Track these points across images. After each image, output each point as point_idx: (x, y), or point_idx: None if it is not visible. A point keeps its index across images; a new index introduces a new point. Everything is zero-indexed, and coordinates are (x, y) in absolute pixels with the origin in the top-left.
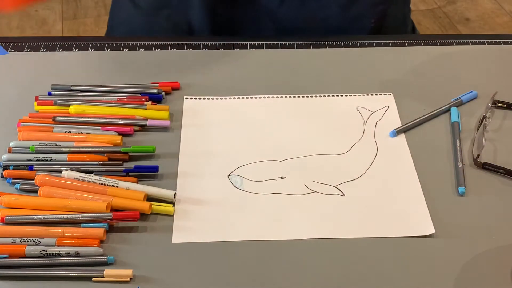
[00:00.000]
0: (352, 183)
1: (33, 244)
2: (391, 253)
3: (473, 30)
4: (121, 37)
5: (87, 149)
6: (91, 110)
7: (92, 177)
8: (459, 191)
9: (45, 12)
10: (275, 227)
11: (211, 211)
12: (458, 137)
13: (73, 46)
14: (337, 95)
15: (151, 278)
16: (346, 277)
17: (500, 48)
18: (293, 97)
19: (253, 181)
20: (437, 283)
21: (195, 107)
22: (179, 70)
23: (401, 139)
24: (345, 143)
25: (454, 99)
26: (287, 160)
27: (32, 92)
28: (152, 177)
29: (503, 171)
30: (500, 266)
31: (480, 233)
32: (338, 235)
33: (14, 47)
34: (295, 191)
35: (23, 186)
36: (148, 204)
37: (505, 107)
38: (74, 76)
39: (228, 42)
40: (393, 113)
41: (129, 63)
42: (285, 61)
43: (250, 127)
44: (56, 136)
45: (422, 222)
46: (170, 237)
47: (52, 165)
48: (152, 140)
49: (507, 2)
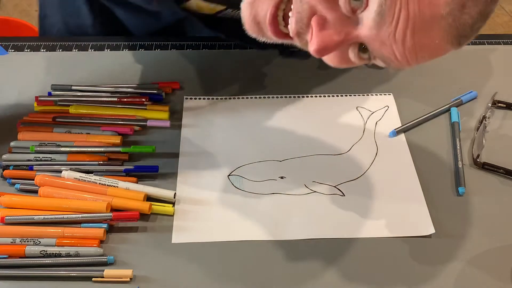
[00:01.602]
0: (352, 183)
1: (33, 244)
2: (391, 253)
3: None
4: (121, 37)
5: (87, 149)
6: (91, 110)
7: (92, 177)
8: (459, 191)
9: None
10: (275, 227)
11: (211, 211)
12: (458, 137)
13: (73, 46)
14: (337, 95)
15: (151, 278)
16: (346, 277)
17: (500, 48)
18: (293, 97)
19: (253, 181)
20: (437, 283)
21: (195, 107)
22: (179, 70)
23: (401, 139)
24: (345, 143)
25: (454, 99)
26: (287, 160)
27: (32, 92)
28: (152, 177)
29: (503, 171)
30: (500, 266)
31: (480, 233)
32: (338, 235)
33: (14, 47)
34: (295, 191)
35: (23, 186)
36: (148, 204)
37: (505, 107)
38: (74, 76)
39: (228, 42)
40: (393, 113)
41: (129, 63)
42: (285, 61)
43: (250, 127)
44: (56, 136)
45: (422, 222)
46: (170, 237)
47: (52, 165)
48: (152, 140)
49: (507, 2)
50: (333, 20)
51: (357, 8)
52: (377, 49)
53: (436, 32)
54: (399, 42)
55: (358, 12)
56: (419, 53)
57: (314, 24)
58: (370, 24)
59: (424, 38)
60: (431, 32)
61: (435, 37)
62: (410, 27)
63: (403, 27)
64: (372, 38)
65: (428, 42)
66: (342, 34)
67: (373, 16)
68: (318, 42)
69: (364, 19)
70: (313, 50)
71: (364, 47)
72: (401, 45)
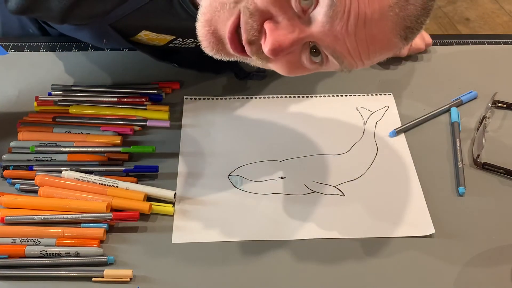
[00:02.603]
0: (352, 183)
1: (33, 244)
2: (391, 253)
3: (473, 30)
4: None
5: (87, 149)
6: (91, 110)
7: (92, 177)
8: (459, 191)
9: None
10: (275, 227)
11: (211, 211)
12: (458, 137)
13: (73, 46)
14: (337, 95)
15: (151, 278)
16: (346, 277)
17: (500, 48)
18: (293, 97)
19: (253, 181)
20: (437, 283)
21: (195, 107)
22: (179, 70)
23: (401, 139)
24: (345, 143)
25: (454, 99)
26: (287, 160)
27: (32, 92)
28: (152, 177)
29: (503, 171)
30: (500, 266)
31: (480, 233)
32: (338, 235)
33: (14, 47)
34: (295, 191)
35: (23, 186)
36: (148, 204)
37: (505, 107)
38: (74, 76)
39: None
40: (393, 113)
41: (129, 63)
42: None
43: (250, 127)
44: (56, 136)
45: (422, 222)
46: (170, 237)
47: (52, 165)
48: (152, 140)
49: (507, 2)
50: (286, 21)
51: (307, 7)
52: (330, 46)
53: (385, 22)
54: (351, 35)
55: (309, 11)
56: (371, 46)
57: (268, 27)
58: (323, 20)
59: (375, 29)
60: (381, 22)
61: (384, 28)
62: (361, 18)
63: (354, 18)
64: (325, 34)
65: (379, 33)
66: (296, 32)
67: (325, 10)
68: (273, 41)
69: (316, 15)
70: (268, 50)
71: (315, 50)
72: (353, 38)
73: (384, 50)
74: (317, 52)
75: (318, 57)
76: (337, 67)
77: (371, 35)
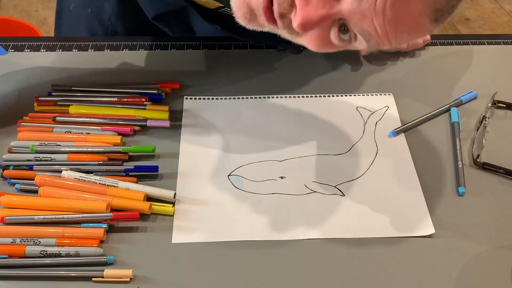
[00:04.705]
0: (352, 183)
1: (33, 244)
2: (391, 253)
3: (473, 30)
4: (121, 37)
5: (87, 149)
6: (91, 110)
7: (92, 177)
8: (459, 191)
9: (45, 12)
10: (275, 227)
11: (211, 211)
12: (458, 137)
13: (73, 46)
14: (337, 95)
15: (151, 278)
16: (346, 277)
17: (500, 48)
18: (293, 97)
19: (253, 181)
20: (437, 283)
21: (195, 107)
22: (179, 70)
23: (401, 139)
24: (345, 143)
25: (454, 99)
26: (287, 160)
27: (32, 92)
28: (152, 177)
29: (503, 171)
30: (500, 266)
31: (480, 233)
32: (338, 235)
33: (14, 47)
34: (295, 191)
35: (23, 186)
36: (148, 204)
37: (505, 107)
38: (74, 76)
39: (228, 42)
40: (393, 113)
41: (129, 63)
42: (285, 61)
43: (250, 127)
44: (56, 136)
45: (422, 222)
46: (170, 237)
47: (52, 165)
48: (152, 140)
49: (507, 2)
50: None
51: None
52: (358, 23)
53: (414, 4)
54: (379, 14)
55: None
56: (399, 26)
57: (298, 1)
58: None
59: (404, 10)
60: (410, 3)
61: (413, 9)
62: None
63: None
64: (353, 12)
65: (407, 14)
66: (325, 9)
67: None
68: (303, 15)
69: None
70: (297, 25)
71: (344, 28)
72: (381, 17)
73: (413, 31)
74: (346, 29)
75: (347, 35)
76: (365, 46)
77: (400, 16)
